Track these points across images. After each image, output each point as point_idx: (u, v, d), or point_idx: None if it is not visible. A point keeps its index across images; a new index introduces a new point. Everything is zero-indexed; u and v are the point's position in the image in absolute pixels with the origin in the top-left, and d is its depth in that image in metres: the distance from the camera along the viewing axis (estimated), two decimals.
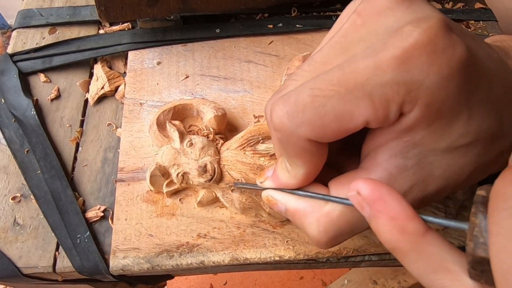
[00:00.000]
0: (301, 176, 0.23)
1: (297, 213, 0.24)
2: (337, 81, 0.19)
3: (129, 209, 0.33)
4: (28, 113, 0.39)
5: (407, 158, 0.21)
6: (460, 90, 0.19)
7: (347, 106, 0.19)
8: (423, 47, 0.18)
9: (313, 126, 0.20)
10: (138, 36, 0.43)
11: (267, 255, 0.32)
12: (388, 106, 0.19)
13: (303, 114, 0.19)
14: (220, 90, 0.40)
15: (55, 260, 0.32)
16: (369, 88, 0.18)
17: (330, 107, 0.19)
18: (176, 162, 0.32)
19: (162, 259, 0.31)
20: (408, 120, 0.19)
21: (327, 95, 0.19)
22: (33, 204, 0.35)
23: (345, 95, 0.19)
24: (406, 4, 0.20)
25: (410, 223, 0.17)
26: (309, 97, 0.19)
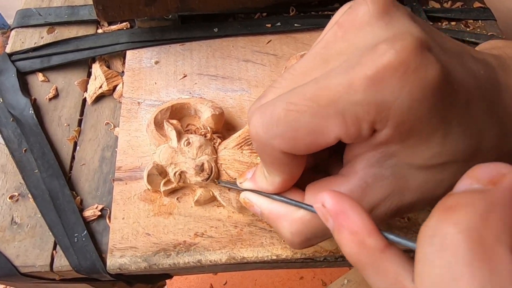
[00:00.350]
0: (277, 184, 0.24)
1: (270, 216, 0.24)
2: (311, 96, 0.19)
3: (127, 208, 0.33)
4: (26, 112, 0.39)
5: (384, 168, 0.21)
6: (432, 111, 0.18)
7: (319, 122, 0.19)
8: (394, 68, 0.18)
9: (286, 139, 0.20)
10: (136, 35, 0.43)
11: (264, 254, 0.32)
12: (359, 124, 0.19)
13: (277, 127, 0.20)
14: (218, 89, 0.40)
15: (52, 259, 0.32)
16: (341, 106, 0.19)
17: (302, 122, 0.19)
18: (173, 161, 0.32)
19: (159, 258, 0.31)
20: (381, 137, 0.20)
21: (300, 110, 0.19)
22: (31, 203, 0.35)
23: (317, 111, 0.19)
24: (386, 20, 0.20)
25: (369, 238, 0.18)
26: (283, 111, 0.20)
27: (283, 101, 0.20)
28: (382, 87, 0.18)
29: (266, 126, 0.20)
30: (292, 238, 0.24)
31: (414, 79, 0.18)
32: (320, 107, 0.19)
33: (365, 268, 0.18)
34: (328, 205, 0.19)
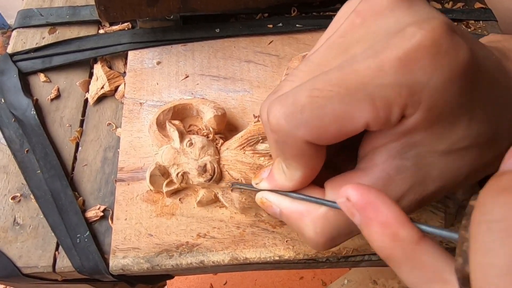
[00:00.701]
0: (297, 179, 0.22)
1: (292, 216, 0.23)
2: (337, 81, 0.18)
3: (129, 208, 0.33)
4: (28, 113, 0.39)
5: (405, 159, 0.20)
6: (462, 93, 0.18)
7: (347, 107, 0.18)
8: (426, 49, 0.17)
9: (311, 127, 0.19)
10: (138, 36, 0.43)
11: (266, 254, 0.32)
12: (390, 108, 0.18)
13: (301, 115, 0.19)
14: (220, 90, 0.40)
15: (54, 259, 0.32)
16: (371, 90, 0.18)
17: (329, 109, 0.18)
18: (175, 161, 0.32)
19: (162, 259, 0.31)
20: (410, 123, 0.19)
21: (327, 95, 0.18)
22: (33, 204, 0.35)
23: (345, 96, 0.18)
24: (406, 5, 0.19)
25: (402, 230, 0.17)
26: (307, 98, 0.19)
27: (307, 88, 0.19)
28: (414, 68, 0.17)
29: (289, 115, 0.19)
30: (317, 238, 0.22)
31: (446, 60, 0.17)
32: (348, 91, 0.18)
33: (399, 263, 0.17)
34: (353, 199, 0.18)
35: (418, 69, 0.17)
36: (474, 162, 0.21)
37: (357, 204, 0.18)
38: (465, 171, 0.21)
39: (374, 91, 0.18)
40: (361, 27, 0.20)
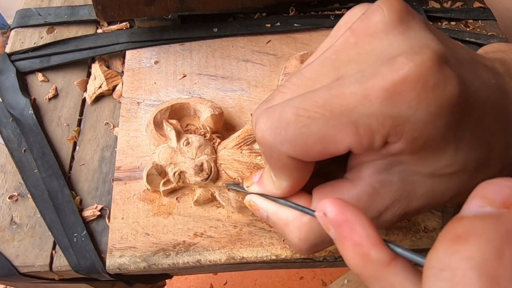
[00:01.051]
0: (285, 188, 0.23)
1: (278, 221, 0.24)
2: (323, 103, 0.19)
3: (126, 208, 0.33)
4: (25, 112, 0.39)
5: (391, 174, 0.21)
6: (448, 127, 0.18)
7: (331, 130, 0.19)
8: (413, 83, 0.17)
9: (295, 145, 0.19)
10: (136, 35, 0.43)
11: (263, 254, 0.32)
12: (372, 136, 0.19)
13: (286, 132, 0.19)
14: (217, 89, 0.40)
15: (51, 259, 0.32)
16: (355, 116, 0.18)
17: (314, 129, 0.19)
18: (172, 161, 0.32)
19: (159, 258, 0.31)
20: (393, 149, 0.19)
21: (312, 116, 0.19)
22: (30, 203, 0.35)
23: (330, 119, 0.18)
24: (402, 30, 0.19)
25: (374, 251, 0.17)
26: (293, 116, 0.19)
27: (293, 105, 0.19)
28: (399, 101, 0.17)
29: (274, 130, 0.20)
30: (300, 244, 0.23)
31: (432, 95, 0.17)
32: (333, 115, 0.18)
33: (369, 281, 0.17)
34: (330, 215, 0.18)
35: (403, 102, 0.17)
36: (462, 185, 0.21)
37: (332, 220, 0.18)
38: (452, 193, 0.21)
39: (357, 119, 0.18)
40: (354, 47, 0.20)
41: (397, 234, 0.33)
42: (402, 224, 0.33)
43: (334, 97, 0.18)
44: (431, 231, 0.33)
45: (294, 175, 0.22)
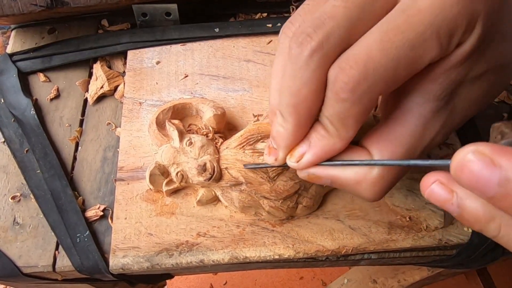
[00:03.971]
0: (350, 138, 0.22)
1: (347, 182, 0.23)
2: (405, 27, 0.19)
3: (129, 208, 0.33)
4: (27, 112, 0.39)
5: (439, 100, 0.21)
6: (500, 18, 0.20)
7: (418, 51, 0.19)
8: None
9: (387, 80, 0.19)
10: (137, 35, 0.43)
11: (266, 253, 0.32)
12: (451, 38, 0.19)
13: (377, 71, 0.19)
14: (219, 89, 0.40)
15: (54, 259, 0.32)
16: (436, 26, 0.18)
17: (402, 55, 0.19)
18: (175, 161, 0.32)
19: (162, 258, 0.31)
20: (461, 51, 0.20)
21: (398, 45, 0.19)
22: (33, 204, 0.35)
23: (415, 39, 0.19)
24: None
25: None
26: (381, 52, 0.19)
27: (377, 40, 0.19)
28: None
29: (366, 75, 0.19)
30: (377, 197, 0.23)
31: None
32: (417, 34, 0.18)
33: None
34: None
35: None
36: (490, 86, 0.22)
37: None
38: (482, 97, 0.23)
39: (439, 28, 0.18)
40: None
41: (399, 233, 0.33)
42: (404, 224, 0.33)
43: (413, 16, 0.19)
44: (433, 230, 0.33)
45: (364, 118, 0.21)
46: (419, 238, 0.33)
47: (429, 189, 0.19)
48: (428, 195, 0.19)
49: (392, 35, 0.19)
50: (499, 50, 0.21)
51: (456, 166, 0.16)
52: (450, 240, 0.33)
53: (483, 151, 0.15)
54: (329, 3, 0.20)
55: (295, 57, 0.20)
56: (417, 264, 0.42)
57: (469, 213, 0.18)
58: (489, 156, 0.15)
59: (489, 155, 0.15)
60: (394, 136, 0.22)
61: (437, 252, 0.35)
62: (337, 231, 0.33)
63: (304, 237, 0.32)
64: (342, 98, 0.20)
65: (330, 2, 0.20)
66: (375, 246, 0.32)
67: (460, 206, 0.18)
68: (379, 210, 0.34)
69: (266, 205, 0.31)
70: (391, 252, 0.34)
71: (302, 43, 0.20)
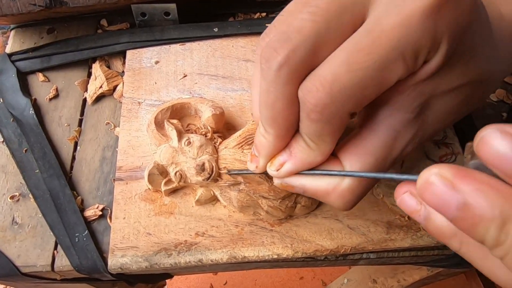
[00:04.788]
0: (327, 152, 0.23)
1: (317, 193, 0.24)
2: (370, 49, 0.19)
3: (128, 207, 0.33)
4: (26, 112, 0.39)
5: (410, 112, 0.22)
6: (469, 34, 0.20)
7: (384, 71, 0.19)
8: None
9: (356, 100, 0.20)
10: (136, 35, 0.43)
11: (265, 253, 0.32)
12: (417, 58, 0.19)
13: (345, 92, 0.19)
14: (218, 89, 0.40)
15: (53, 259, 0.32)
16: (402, 47, 0.19)
17: (368, 77, 0.19)
18: (174, 160, 0.32)
19: (161, 258, 0.31)
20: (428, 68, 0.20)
21: (364, 66, 0.19)
22: (32, 203, 0.35)
23: (380, 61, 0.19)
24: None
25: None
26: (348, 74, 0.19)
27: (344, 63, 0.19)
28: (439, 17, 0.18)
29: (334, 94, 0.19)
30: (346, 207, 0.24)
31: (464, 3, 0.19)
32: (382, 56, 0.19)
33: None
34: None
35: (441, 17, 0.18)
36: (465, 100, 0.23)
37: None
38: (456, 110, 0.23)
39: (404, 49, 0.19)
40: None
41: (398, 233, 0.33)
42: (403, 223, 0.33)
43: (378, 39, 0.19)
44: None
45: (340, 133, 0.22)
46: (417, 238, 0.33)
47: (400, 198, 0.20)
48: (399, 203, 0.20)
49: (358, 57, 0.19)
50: (472, 66, 0.22)
51: (420, 186, 0.17)
52: None
53: (445, 174, 0.16)
54: (299, 16, 0.20)
55: (265, 72, 0.20)
56: (416, 263, 0.42)
57: (434, 227, 0.19)
58: (450, 180, 0.16)
59: (450, 179, 0.16)
60: (365, 146, 0.23)
61: (436, 251, 0.35)
62: (335, 230, 0.33)
63: (302, 236, 0.32)
64: (313, 119, 0.20)
65: (299, 15, 0.20)
66: (373, 246, 0.32)
67: (426, 218, 0.19)
68: (377, 209, 0.34)
69: (264, 204, 0.31)
70: (389, 251, 0.34)
71: (269, 58, 0.20)
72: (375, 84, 0.19)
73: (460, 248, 0.19)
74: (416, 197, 0.19)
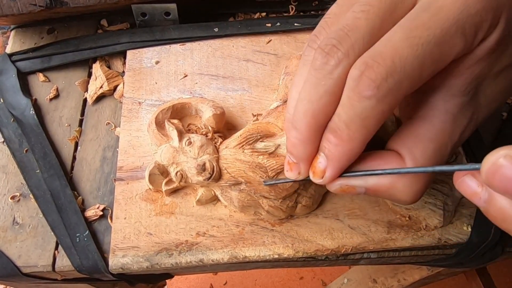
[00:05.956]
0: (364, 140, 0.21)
1: (381, 189, 0.23)
2: (431, 24, 0.19)
3: (128, 208, 0.33)
4: (27, 112, 0.39)
5: (465, 95, 0.22)
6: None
7: (444, 47, 0.19)
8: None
9: (412, 78, 0.19)
10: (137, 35, 0.43)
11: (266, 253, 0.32)
12: (476, 33, 0.19)
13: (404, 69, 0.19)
14: (218, 89, 0.40)
15: (54, 259, 0.32)
16: (461, 22, 0.18)
17: (428, 53, 0.19)
18: (174, 160, 0.32)
19: (161, 258, 0.31)
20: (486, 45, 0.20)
21: (425, 41, 0.19)
22: (32, 203, 0.35)
23: (440, 36, 0.19)
24: None
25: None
26: (408, 48, 0.19)
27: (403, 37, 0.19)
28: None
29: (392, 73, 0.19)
30: (415, 198, 0.23)
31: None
32: (443, 30, 0.19)
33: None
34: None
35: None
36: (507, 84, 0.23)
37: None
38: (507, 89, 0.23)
39: (464, 23, 0.19)
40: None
41: (398, 233, 0.33)
42: (404, 223, 0.33)
43: (437, 14, 0.19)
44: (433, 229, 0.33)
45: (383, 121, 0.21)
46: (418, 237, 0.33)
47: (461, 179, 0.19)
48: (458, 185, 0.19)
49: (418, 32, 0.19)
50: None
51: (488, 170, 0.16)
52: (449, 239, 0.33)
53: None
54: (351, 14, 0.20)
55: (320, 67, 0.20)
56: (416, 263, 0.42)
57: (496, 210, 0.18)
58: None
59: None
60: (423, 134, 0.22)
61: (437, 251, 0.35)
62: (336, 230, 0.33)
63: (303, 236, 0.32)
64: (367, 95, 0.19)
65: (352, 14, 0.20)
66: (374, 245, 0.32)
67: (487, 201, 0.18)
68: (378, 209, 0.34)
69: (265, 204, 0.31)
70: (390, 251, 0.34)
71: (329, 53, 0.20)
72: (433, 61, 0.19)
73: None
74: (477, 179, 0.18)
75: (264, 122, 0.33)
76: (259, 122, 0.33)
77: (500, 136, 0.40)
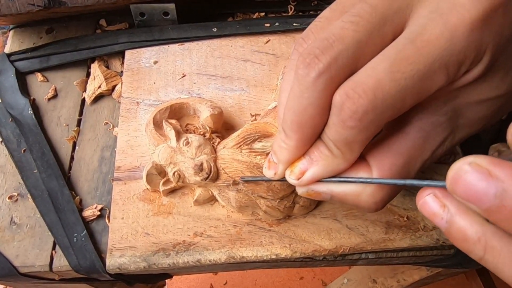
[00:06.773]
0: (352, 160, 0.22)
1: (347, 196, 0.23)
2: (414, 59, 0.19)
3: (126, 208, 0.33)
4: (25, 112, 0.39)
5: (441, 115, 0.22)
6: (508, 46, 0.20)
7: (426, 82, 0.19)
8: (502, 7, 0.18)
9: (395, 109, 0.19)
10: (135, 35, 0.43)
11: (263, 253, 0.32)
12: (459, 69, 0.19)
13: (386, 101, 0.19)
14: (217, 89, 0.40)
15: (51, 259, 0.32)
16: (446, 59, 0.18)
17: (410, 87, 0.19)
18: (172, 160, 0.32)
19: (159, 258, 0.31)
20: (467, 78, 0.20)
21: (408, 75, 0.19)
22: (30, 203, 0.35)
23: (424, 71, 0.19)
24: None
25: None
26: (391, 82, 0.19)
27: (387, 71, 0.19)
28: (487, 28, 0.18)
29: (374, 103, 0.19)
30: (377, 207, 0.23)
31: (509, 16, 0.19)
32: (426, 66, 0.19)
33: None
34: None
35: (488, 29, 0.18)
36: (497, 110, 0.23)
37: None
38: (488, 118, 0.23)
39: (448, 59, 0.19)
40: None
41: (396, 233, 0.33)
42: (402, 223, 0.33)
43: (422, 48, 0.19)
44: (431, 230, 0.33)
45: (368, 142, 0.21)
46: (416, 238, 0.33)
47: (423, 200, 0.19)
48: (420, 206, 0.19)
49: (402, 66, 0.19)
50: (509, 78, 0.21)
51: (452, 177, 0.16)
52: (448, 240, 0.33)
53: (480, 163, 0.15)
54: (339, 24, 0.20)
55: (302, 77, 0.20)
56: (415, 264, 0.42)
57: (457, 230, 0.18)
58: (486, 168, 0.15)
59: (486, 167, 0.15)
60: (395, 147, 0.22)
61: (435, 252, 0.35)
62: (334, 230, 0.33)
63: (301, 236, 0.32)
64: (349, 126, 0.20)
65: (339, 24, 0.20)
66: (372, 246, 0.32)
67: (449, 221, 0.18)
68: None
69: (263, 204, 0.31)
70: (388, 251, 0.34)
71: (310, 64, 0.20)
72: (415, 93, 0.19)
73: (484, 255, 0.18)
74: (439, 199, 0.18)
75: (262, 122, 0.33)
76: (257, 122, 0.33)
77: (500, 136, 0.40)
